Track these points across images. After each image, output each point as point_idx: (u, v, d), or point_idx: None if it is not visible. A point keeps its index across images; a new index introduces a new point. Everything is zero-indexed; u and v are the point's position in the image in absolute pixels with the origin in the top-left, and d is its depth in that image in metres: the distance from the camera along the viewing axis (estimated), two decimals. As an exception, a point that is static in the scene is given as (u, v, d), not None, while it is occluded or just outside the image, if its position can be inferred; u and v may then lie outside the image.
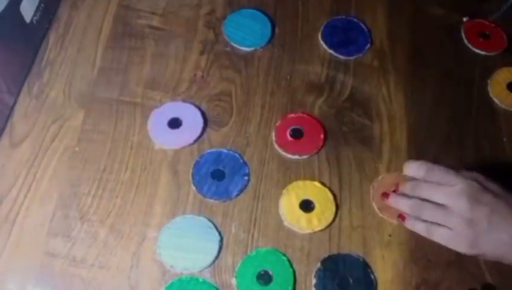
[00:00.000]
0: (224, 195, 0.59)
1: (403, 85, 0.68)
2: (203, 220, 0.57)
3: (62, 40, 0.69)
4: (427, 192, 0.53)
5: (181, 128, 0.63)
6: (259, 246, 0.56)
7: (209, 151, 0.61)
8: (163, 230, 0.56)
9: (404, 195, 0.55)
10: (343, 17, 0.73)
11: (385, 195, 0.57)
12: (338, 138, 0.64)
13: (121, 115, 0.64)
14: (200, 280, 0.54)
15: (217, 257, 0.55)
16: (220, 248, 0.56)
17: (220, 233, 0.56)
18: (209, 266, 0.55)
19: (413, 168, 0.54)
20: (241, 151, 0.62)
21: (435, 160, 0.62)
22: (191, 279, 0.54)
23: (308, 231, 0.57)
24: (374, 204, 0.59)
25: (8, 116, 0.62)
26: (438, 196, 0.52)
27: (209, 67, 0.68)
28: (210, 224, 0.57)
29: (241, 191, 0.59)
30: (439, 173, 0.52)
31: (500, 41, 0.72)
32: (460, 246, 0.50)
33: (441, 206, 0.51)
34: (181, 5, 0.73)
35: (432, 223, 0.52)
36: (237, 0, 0.74)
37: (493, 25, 0.73)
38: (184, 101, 0.65)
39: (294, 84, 0.68)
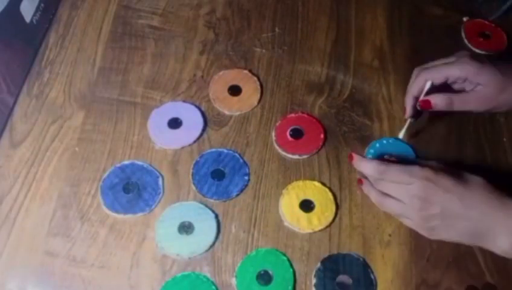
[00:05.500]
0: (224, 195, 0.59)
1: (403, 85, 0.68)
2: (192, 203, 0.58)
3: (62, 40, 0.69)
4: (385, 188, 0.55)
5: (181, 128, 0.63)
6: (259, 246, 0.56)
7: (209, 151, 0.61)
8: (157, 225, 0.56)
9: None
10: None
11: (350, 157, 0.58)
12: (338, 137, 0.64)
13: (121, 115, 0.64)
14: (200, 278, 0.54)
15: (217, 234, 0.56)
16: (218, 223, 0.57)
17: (212, 211, 0.57)
18: (213, 244, 0.56)
19: (368, 168, 0.55)
20: (241, 151, 0.62)
21: (435, 160, 0.62)
22: (189, 277, 0.54)
23: (308, 231, 0.57)
24: None
25: (8, 116, 0.62)
26: (394, 193, 0.54)
27: (209, 67, 0.68)
28: (200, 205, 0.58)
29: (241, 191, 0.59)
30: (393, 174, 0.53)
31: (500, 41, 0.72)
32: (421, 233, 0.55)
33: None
34: (181, 5, 0.73)
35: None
36: (237, 0, 0.74)
37: (493, 25, 0.73)
38: (184, 101, 0.65)
39: (294, 84, 0.68)
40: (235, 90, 0.66)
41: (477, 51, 0.71)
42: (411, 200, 0.52)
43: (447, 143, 0.64)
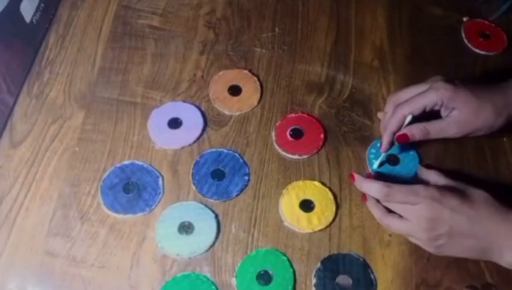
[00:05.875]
0: (224, 195, 0.59)
1: (403, 85, 0.68)
2: (192, 203, 0.58)
3: (62, 40, 0.69)
4: (391, 207, 0.54)
5: (181, 128, 0.63)
6: (259, 246, 0.56)
7: (209, 151, 0.61)
8: (157, 225, 0.56)
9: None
10: None
11: (351, 177, 0.57)
12: (338, 137, 0.64)
13: (121, 115, 0.64)
14: (200, 278, 0.54)
15: (217, 234, 0.56)
16: (218, 223, 0.57)
17: (212, 211, 0.57)
18: (213, 244, 0.56)
19: (371, 190, 0.54)
20: (241, 151, 0.62)
21: (435, 160, 0.62)
22: (189, 277, 0.54)
23: (308, 230, 0.57)
24: None
25: (8, 116, 0.62)
26: (400, 212, 0.53)
27: (209, 67, 0.68)
28: (200, 205, 0.58)
29: (241, 191, 0.59)
30: (398, 196, 0.52)
31: (500, 41, 0.72)
32: (428, 250, 0.54)
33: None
34: (181, 5, 0.73)
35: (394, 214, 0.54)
36: (237, 0, 0.74)
37: (493, 25, 0.73)
38: (184, 101, 0.65)
39: (294, 84, 0.68)
40: (235, 90, 0.66)
41: (477, 51, 0.71)
42: (418, 221, 0.52)
43: (447, 143, 0.64)
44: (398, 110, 0.57)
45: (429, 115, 0.58)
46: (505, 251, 0.51)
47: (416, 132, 0.57)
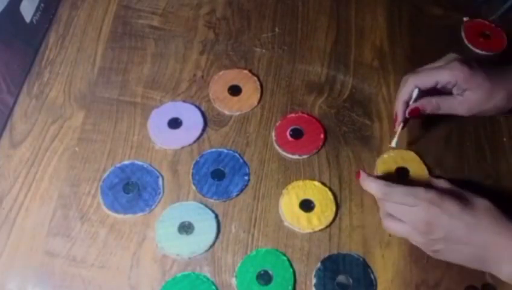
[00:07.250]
0: (224, 195, 0.59)
1: (403, 85, 0.68)
2: (192, 203, 0.58)
3: (62, 40, 0.69)
4: (389, 209, 0.54)
5: (181, 128, 0.63)
6: (259, 246, 0.56)
7: (209, 151, 0.61)
8: (157, 225, 0.56)
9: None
10: None
11: (358, 175, 0.56)
12: (338, 137, 0.64)
13: (121, 115, 0.64)
14: (200, 278, 0.54)
15: (217, 234, 0.56)
16: (218, 223, 0.57)
17: (212, 211, 0.57)
18: (213, 244, 0.56)
19: (372, 188, 0.54)
20: (241, 151, 0.62)
21: (435, 160, 0.62)
22: (189, 277, 0.54)
23: (308, 230, 0.57)
24: None
25: (8, 116, 0.62)
26: (397, 214, 0.53)
27: (209, 67, 0.68)
28: (200, 205, 0.58)
29: (241, 191, 0.59)
30: (397, 196, 0.52)
31: (500, 41, 0.72)
32: (427, 253, 0.54)
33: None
34: (181, 5, 0.73)
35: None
36: (237, 0, 0.74)
37: (493, 25, 0.73)
38: (184, 101, 0.65)
39: (294, 84, 0.68)
40: (235, 90, 0.66)
41: (477, 51, 0.71)
42: (415, 223, 0.51)
43: (447, 143, 0.64)
44: (410, 79, 0.58)
45: (439, 91, 0.58)
46: (504, 263, 0.50)
47: (427, 105, 0.57)
